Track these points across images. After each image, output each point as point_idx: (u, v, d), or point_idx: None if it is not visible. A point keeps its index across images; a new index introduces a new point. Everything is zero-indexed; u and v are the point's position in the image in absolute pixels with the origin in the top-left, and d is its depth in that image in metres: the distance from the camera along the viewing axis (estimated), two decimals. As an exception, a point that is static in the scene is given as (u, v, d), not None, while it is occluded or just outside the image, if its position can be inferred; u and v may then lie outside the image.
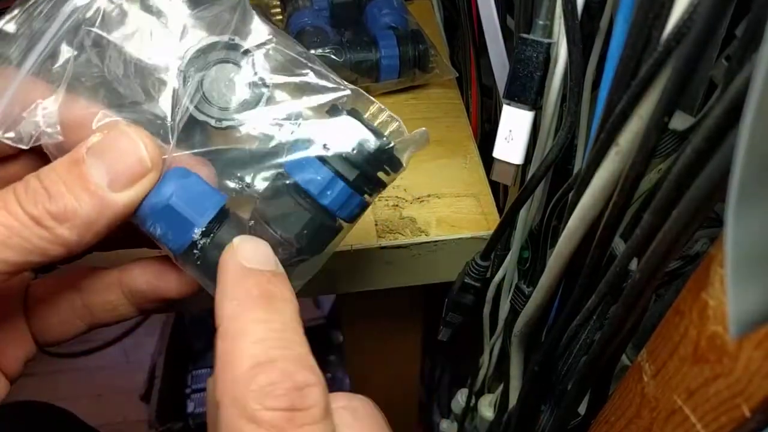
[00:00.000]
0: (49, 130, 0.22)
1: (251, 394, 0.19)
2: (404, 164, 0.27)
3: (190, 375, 1.03)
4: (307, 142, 0.25)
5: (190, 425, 0.97)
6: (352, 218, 0.26)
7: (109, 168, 0.21)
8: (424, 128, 0.26)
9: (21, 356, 0.27)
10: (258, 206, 0.25)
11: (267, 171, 0.25)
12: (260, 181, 0.25)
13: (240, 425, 0.19)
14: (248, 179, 0.25)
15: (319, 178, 0.24)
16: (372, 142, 0.25)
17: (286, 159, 0.25)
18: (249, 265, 0.22)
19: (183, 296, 0.26)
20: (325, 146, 0.24)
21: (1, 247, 0.20)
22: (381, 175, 0.27)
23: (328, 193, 0.24)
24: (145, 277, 0.26)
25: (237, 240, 0.23)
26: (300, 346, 0.21)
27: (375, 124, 0.25)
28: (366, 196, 0.26)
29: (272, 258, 0.23)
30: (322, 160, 0.24)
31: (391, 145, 0.25)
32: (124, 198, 0.21)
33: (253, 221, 0.25)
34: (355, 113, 0.26)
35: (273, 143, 0.25)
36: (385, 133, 0.25)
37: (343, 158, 0.24)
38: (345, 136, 0.24)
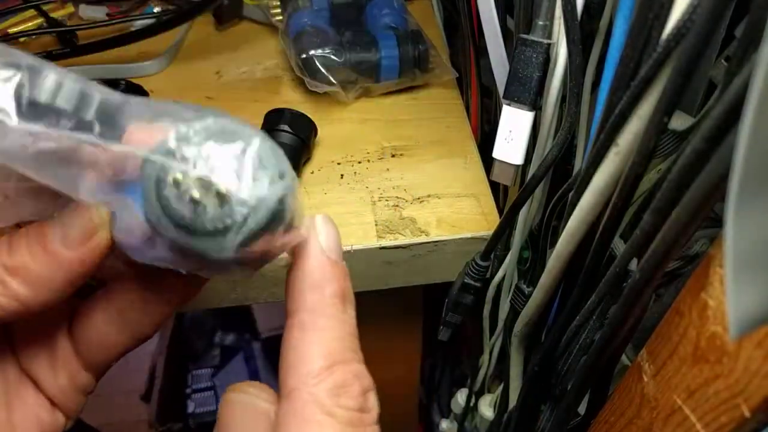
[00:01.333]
0: None
1: (330, 390, 0.20)
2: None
3: (191, 375, 1.03)
4: None
5: (190, 425, 0.97)
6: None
7: (63, 226, 0.21)
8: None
9: (70, 386, 0.26)
10: None
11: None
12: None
13: (319, 419, 0.19)
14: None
15: None
16: None
17: None
18: (332, 256, 0.22)
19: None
20: None
21: None
22: None
23: None
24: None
25: (319, 221, 0.22)
26: (360, 351, 0.22)
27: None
28: None
29: (341, 248, 0.23)
30: None
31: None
32: (78, 254, 0.21)
33: None
34: None
35: None
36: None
37: None
38: None
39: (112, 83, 0.50)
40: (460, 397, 0.58)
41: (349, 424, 0.20)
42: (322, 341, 0.21)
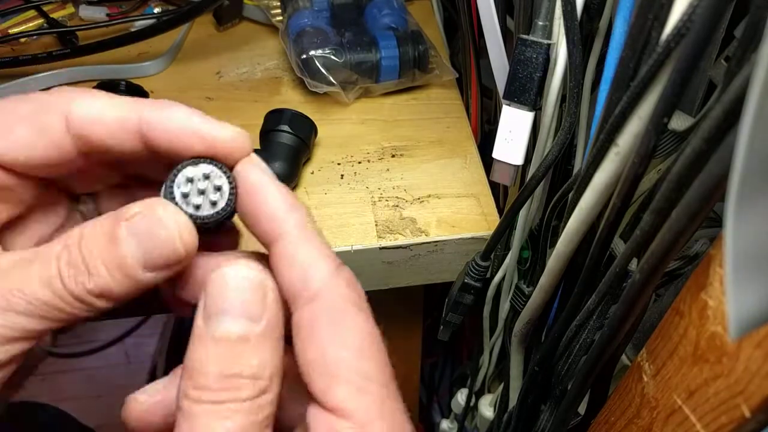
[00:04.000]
0: None
1: (347, 285, 0.23)
2: None
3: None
4: None
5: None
6: None
7: (145, 253, 0.22)
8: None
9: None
10: None
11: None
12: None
13: (350, 308, 0.22)
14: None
15: None
16: None
17: None
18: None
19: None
20: None
21: (37, 319, 0.21)
22: None
23: None
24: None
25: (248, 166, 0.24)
26: None
27: None
28: None
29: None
30: None
31: None
32: (156, 278, 0.22)
33: None
34: None
35: None
36: None
37: None
38: None
39: (112, 84, 0.50)
40: (460, 397, 0.58)
41: (365, 309, 0.23)
42: (322, 249, 0.23)
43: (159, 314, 1.07)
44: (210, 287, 0.22)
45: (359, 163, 0.48)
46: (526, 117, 0.32)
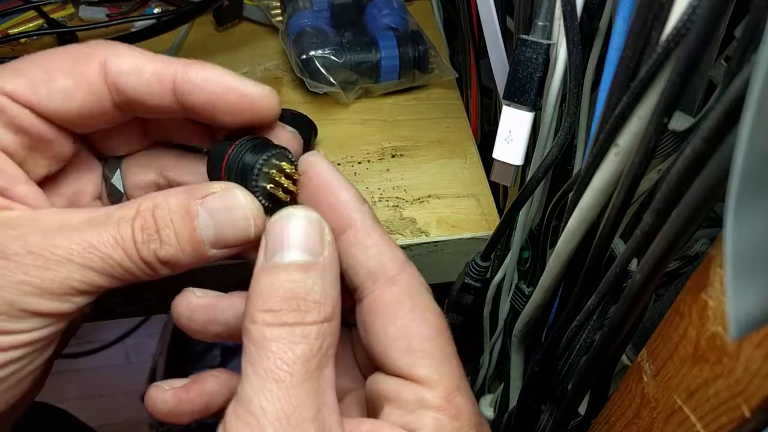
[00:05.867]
0: None
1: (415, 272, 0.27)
2: None
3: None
4: None
5: (190, 426, 0.97)
6: None
7: (217, 231, 0.23)
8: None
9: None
10: None
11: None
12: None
13: (422, 290, 0.27)
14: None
15: None
16: None
17: None
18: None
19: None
20: None
21: (106, 277, 0.22)
22: None
23: None
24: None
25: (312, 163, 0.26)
26: None
27: None
28: None
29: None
30: None
31: None
32: (221, 254, 0.24)
33: None
34: None
35: None
36: None
37: None
38: None
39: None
40: (461, 397, 0.58)
41: (432, 294, 0.26)
42: (391, 240, 0.26)
43: (159, 314, 1.07)
44: (272, 229, 0.23)
45: (359, 163, 0.48)
46: (526, 117, 0.32)
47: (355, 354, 0.29)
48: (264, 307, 0.21)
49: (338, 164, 0.47)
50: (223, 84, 0.23)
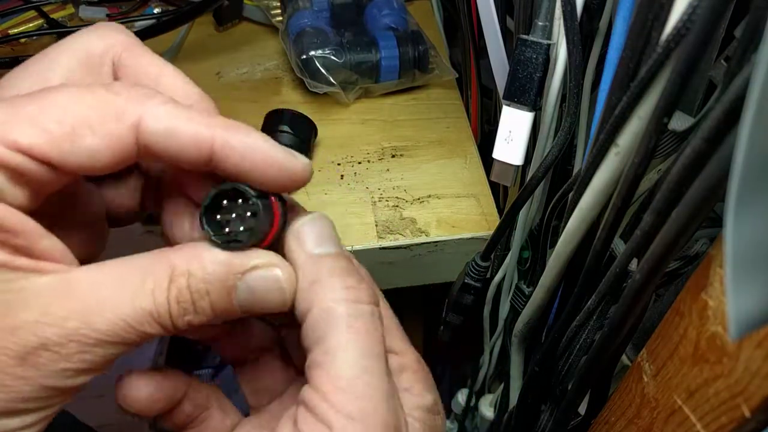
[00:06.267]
0: None
1: None
2: None
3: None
4: None
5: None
6: None
7: (254, 304, 0.23)
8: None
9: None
10: None
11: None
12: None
13: None
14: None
15: None
16: None
17: None
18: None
19: None
20: None
21: (136, 346, 0.21)
22: None
23: None
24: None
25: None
26: None
27: None
28: None
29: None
30: None
31: None
32: (248, 315, 0.24)
33: None
34: None
35: None
36: None
37: None
38: None
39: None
40: (461, 397, 0.58)
41: None
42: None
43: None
44: (308, 225, 0.24)
45: (359, 163, 0.48)
46: (526, 117, 0.32)
47: (288, 351, 0.29)
48: (345, 285, 0.23)
49: (338, 164, 0.47)
50: (267, 155, 0.22)
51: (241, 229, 0.23)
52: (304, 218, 0.24)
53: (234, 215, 0.23)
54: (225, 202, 0.23)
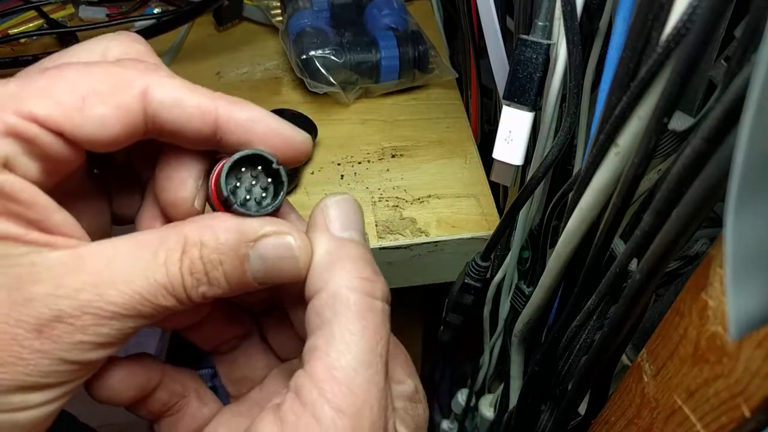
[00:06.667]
0: None
1: None
2: None
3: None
4: None
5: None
6: None
7: (267, 272, 0.22)
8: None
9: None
10: None
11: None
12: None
13: None
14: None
15: None
16: None
17: None
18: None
19: None
20: None
21: (152, 318, 0.21)
22: None
23: None
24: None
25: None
26: None
27: None
28: None
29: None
30: None
31: None
32: (264, 287, 0.23)
33: None
34: None
35: None
36: None
37: None
38: None
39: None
40: (461, 397, 0.58)
41: None
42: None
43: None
44: (335, 206, 0.24)
45: (359, 163, 0.48)
46: (526, 117, 0.32)
47: (267, 339, 0.29)
48: (363, 275, 0.23)
49: (338, 164, 0.47)
50: (268, 127, 0.23)
51: (263, 195, 0.23)
52: (335, 197, 0.24)
53: (253, 183, 0.23)
54: (244, 169, 0.23)
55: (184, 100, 0.22)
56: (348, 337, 0.21)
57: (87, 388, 0.24)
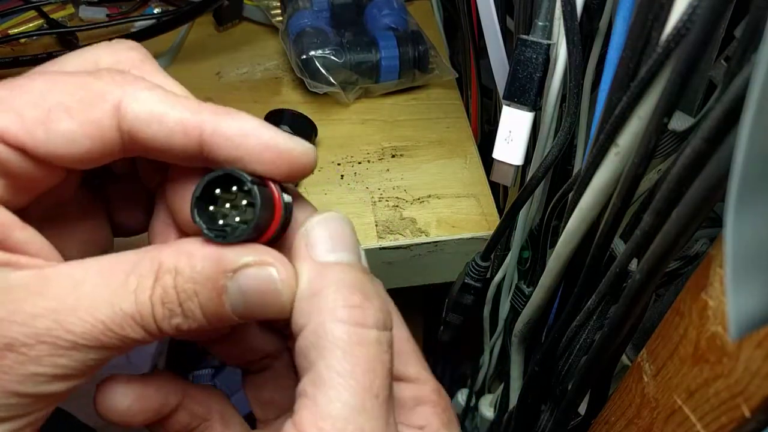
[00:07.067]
0: None
1: None
2: None
3: (191, 376, 1.03)
4: None
5: None
6: None
7: (247, 307, 0.20)
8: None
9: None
10: None
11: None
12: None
13: None
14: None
15: None
16: None
17: None
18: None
19: None
20: None
21: (119, 351, 0.19)
22: None
23: None
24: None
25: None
26: None
27: None
28: None
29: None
30: None
31: None
32: (247, 320, 0.21)
33: None
34: None
35: None
36: None
37: None
38: None
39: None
40: (461, 397, 0.58)
41: None
42: None
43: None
44: (318, 228, 0.21)
45: (359, 163, 0.48)
46: (526, 117, 0.32)
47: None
48: (349, 303, 0.20)
49: (338, 164, 0.47)
50: (260, 140, 0.20)
51: (237, 220, 0.20)
52: (317, 217, 0.21)
53: (229, 205, 0.21)
54: (218, 191, 0.21)
55: (163, 115, 0.20)
56: (336, 381, 0.18)
57: (95, 407, 0.22)
